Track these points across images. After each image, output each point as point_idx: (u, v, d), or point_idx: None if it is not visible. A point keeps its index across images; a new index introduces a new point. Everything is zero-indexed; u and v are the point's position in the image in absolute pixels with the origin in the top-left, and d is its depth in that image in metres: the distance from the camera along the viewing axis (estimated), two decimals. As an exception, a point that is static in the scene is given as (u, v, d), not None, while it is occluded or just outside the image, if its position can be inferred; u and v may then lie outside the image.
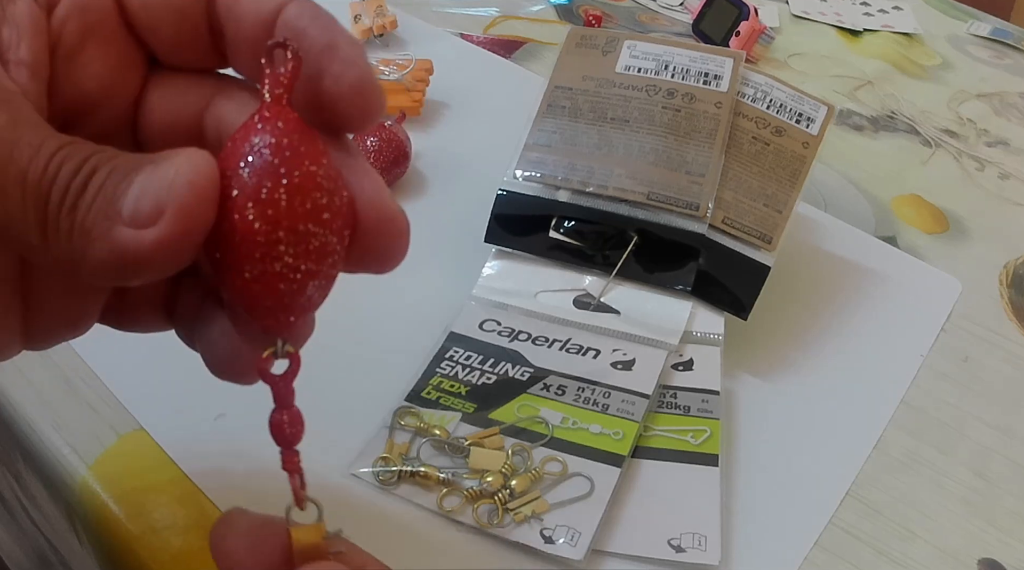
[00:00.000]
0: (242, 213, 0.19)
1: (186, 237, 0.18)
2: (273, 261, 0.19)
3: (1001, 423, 0.42)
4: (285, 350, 0.21)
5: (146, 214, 0.18)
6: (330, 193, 0.19)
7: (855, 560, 0.35)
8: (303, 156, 0.19)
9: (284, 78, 0.20)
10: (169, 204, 0.18)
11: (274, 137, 0.19)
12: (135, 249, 0.18)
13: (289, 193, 0.19)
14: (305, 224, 0.19)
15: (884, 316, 0.46)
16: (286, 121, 0.19)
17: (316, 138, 0.20)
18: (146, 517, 0.33)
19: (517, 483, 0.34)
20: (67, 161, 0.19)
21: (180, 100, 0.23)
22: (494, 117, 0.56)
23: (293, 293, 0.19)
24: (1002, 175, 0.61)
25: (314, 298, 0.20)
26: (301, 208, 0.19)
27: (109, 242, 0.18)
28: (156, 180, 0.18)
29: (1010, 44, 0.80)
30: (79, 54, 0.22)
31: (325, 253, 0.20)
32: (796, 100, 0.45)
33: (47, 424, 0.36)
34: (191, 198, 0.18)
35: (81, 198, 0.19)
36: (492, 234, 0.44)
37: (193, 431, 0.36)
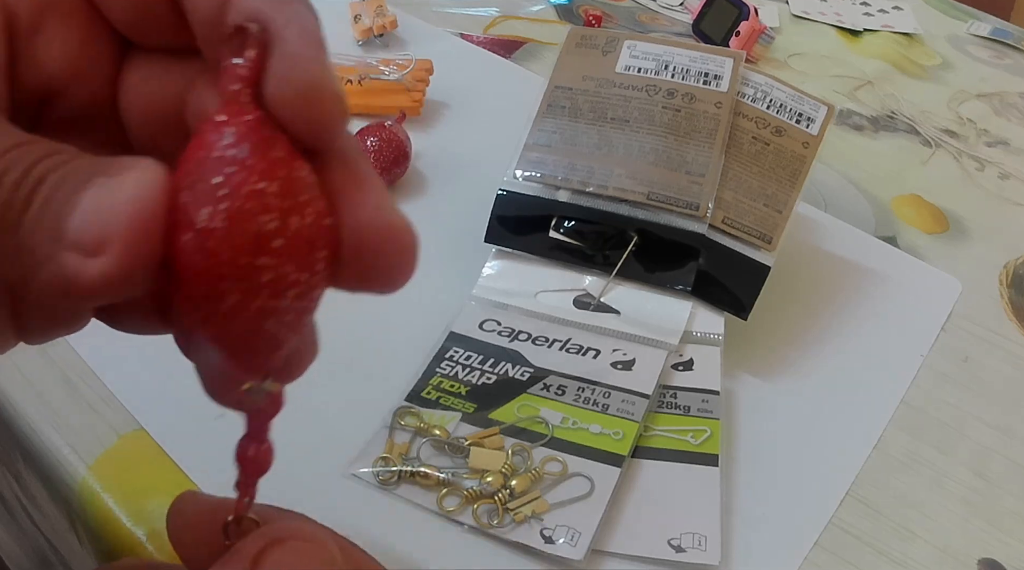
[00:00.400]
0: (182, 244, 0.16)
1: (132, 271, 0.16)
2: (218, 301, 0.16)
3: (1001, 423, 0.42)
4: (263, 389, 0.19)
5: (90, 243, 0.16)
6: (284, 214, 0.16)
7: (855, 560, 0.35)
8: (251, 170, 0.16)
9: (244, 70, 0.17)
10: (113, 236, 0.16)
11: (219, 150, 0.16)
12: (81, 277, 0.16)
13: (228, 220, 0.16)
14: (250, 257, 0.16)
15: (884, 316, 0.46)
16: (239, 127, 0.16)
17: (277, 144, 0.17)
18: (146, 517, 0.33)
19: (517, 483, 0.34)
20: (11, 170, 0.17)
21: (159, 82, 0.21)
22: (494, 117, 0.56)
23: (249, 335, 0.17)
24: (1002, 175, 0.61)
25: (280, 336, 0.17)
26: (241, 237, 0.16)
27: (54, 266, 0.16)
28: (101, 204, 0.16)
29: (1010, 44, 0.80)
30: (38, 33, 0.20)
31: (283, 286, 0.16)
32: (796, 100, 0.45)
33: (47, 424, 0.36)
34: (138, 224, 0.16)
35: (25, 214, 0.17)
36: (492, 234, 0.44)
37: (193, 431, 0.36)
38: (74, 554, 0.40)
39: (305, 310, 0.17)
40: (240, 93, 0.17)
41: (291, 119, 0.17)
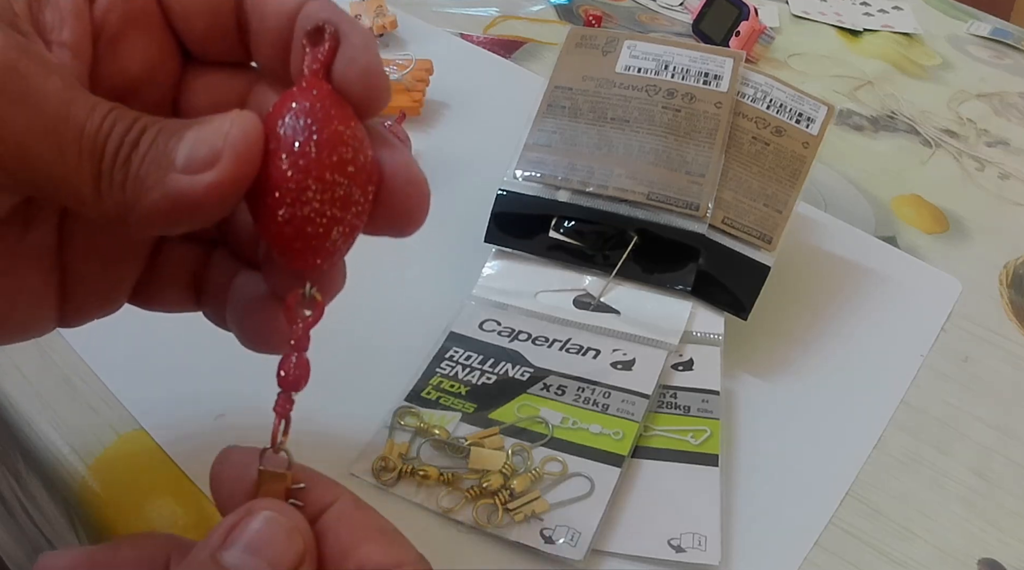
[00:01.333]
0: (277, 163, 0.21)
1: (237, 181, 0.21)
2: (303, 205, 0.21)
3: (1001, 423, 0.42)
4: (312, 294, 0.23)
5: (201, 160, 0.20)
6: (355, 150, 0.22)
7: (855, 560, 0.35)
8: (332, 118, 0.22)
9: (322, 55, 0.22)
10: (225, 150, 0.20)
11: (308, 102, 0.22)
12: (190, 193, 0.20)
13: (318, 146, 0.21)
14: (332, 174, 0.21)
15: (884, 316, 0.46)
16: (320, 90, 0.22)
17: (346, 107, 0.22)
18: (146, 517, 0.33)
19: (517, 483, 0.34)
20: (119, 120, 0.21)
21: (223, 87, 0.25)
22: (494, 117, 0.56)
23: (319, 236, 0.22)
24: (1002, 175, 0.61)
25: (338, 244, 0.22)
26: (328, 160, 0.21)
27: (163, 189, 0.20)
28: (210, 131, 0.21)
29: (1010, 44, 0.80)
30: (121, 40, 0.24)
31: (349, 202, 0.22)
32: (796, 100, 0.45)
33: (47, 424, 0.36)
34: (244, 145, 0.20)
35: (135, 152, 0.20)
36: (492, 234, 0.44)
37: (193, 431, 0.36)
38: (74, 554, 0.40)
39: (356, 227, 0.23)
40: (319, 71, 0.22)
41: (354, 90, 0.22)
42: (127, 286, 0.27)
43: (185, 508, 0.33)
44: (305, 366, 0.23)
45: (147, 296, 0.27)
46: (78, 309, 0.26)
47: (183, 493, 0.34)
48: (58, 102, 0.20)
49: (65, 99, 0.20)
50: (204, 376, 0.38)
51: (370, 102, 0.23)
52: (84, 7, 0.23)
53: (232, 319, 0.26)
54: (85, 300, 0.26)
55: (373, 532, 0.23)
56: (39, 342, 0.39)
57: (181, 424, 0.36)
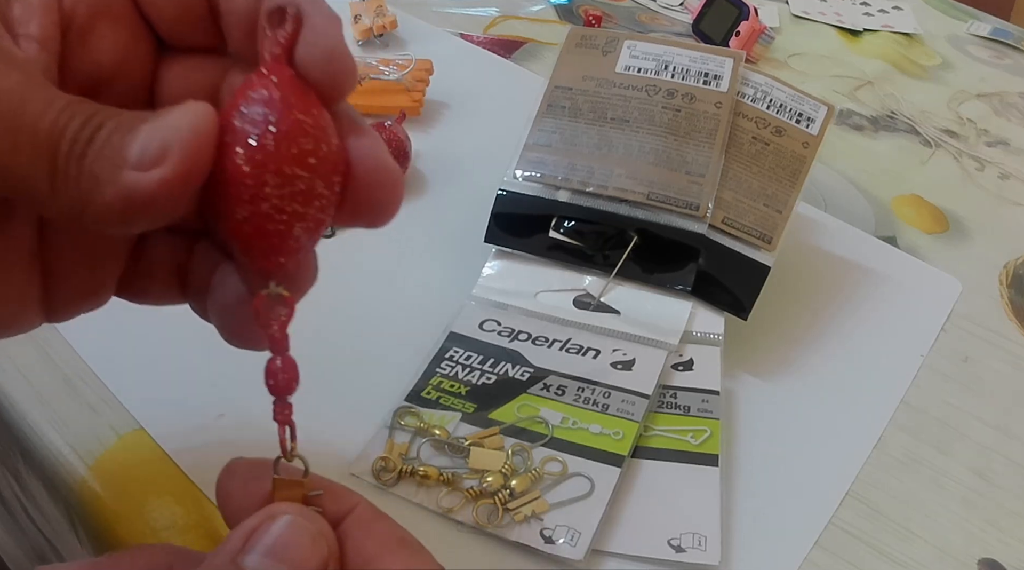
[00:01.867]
0: (233, 158, 0.20)
1: (188, 177, 0.20)
2: (261, 202, 0.20)
3: (1001, 423, 0.42)
4: (277, 291, 0.22)
5: (152, 156, 0.19)
6: (316, 140, 0.21)
7: (855, 560, 0.35)
8: (292, 107, 0.21)
9: (283, 38, 0.21)
10: (174, 145, 0.19)
11: (267, 90, 0.21)
12: (142, 190, 0.19)
13: (276, 139, 0.20)
14: (292, 167, 0.20)
15: (884, 316, 0.46)
16: (280, 76, 0.21)
17: (309, 93, 0.21)
18: (146, 517, 0.33)
19: (517, 483, 0.34)
20: (76, 115, 0.20)
21: (196, 75, 0.25)
22: (494, 117, 0.56)
23: (281, 234, 0.21)
24: (1002, 175, 0.61)
25: (302, 240, 0.21)
26: (287, 153, 0.20)
27: (115, 186, 0.20)
28: (162, 126, 0.20)
29: (1010, 44, 0.80)
30: (91, 31, 0.23)
31: (312, 196, 0.21)
32: (796, 100, 0.45)
33: (47, 424, 0.36)
34: (193, 140, 0.20)
35: (89, 147, 0.20)
36: (492, 234, 0.44)
37: (193, 431, 0.36)
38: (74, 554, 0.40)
39: (321, 222, 0.22)
40: (280, 56, 0.21)
41: (317, 74, 0.21)
42: (111, 280, 0.26)
43: (185, 508, 0.33)
44: (292, 367, 0.22)
45: (133, 289, 0.27)
46: (63, 303, 0.26)
47: (183, 493, 0.34)
48: (15, 98, 0.20)
49: (23, 94, 0.20)
50: (204, 376, 0.38)
51: (334, 87, 0.22)
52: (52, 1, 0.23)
53: (213, 314, 0.26)
54: (69, 294, 0.26)
55: (394, 543, 0.23)
56: (39, 342, 0.39)
57: (181, 424, 0.36)
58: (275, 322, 0.22)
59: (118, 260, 0.26)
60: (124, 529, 0.33)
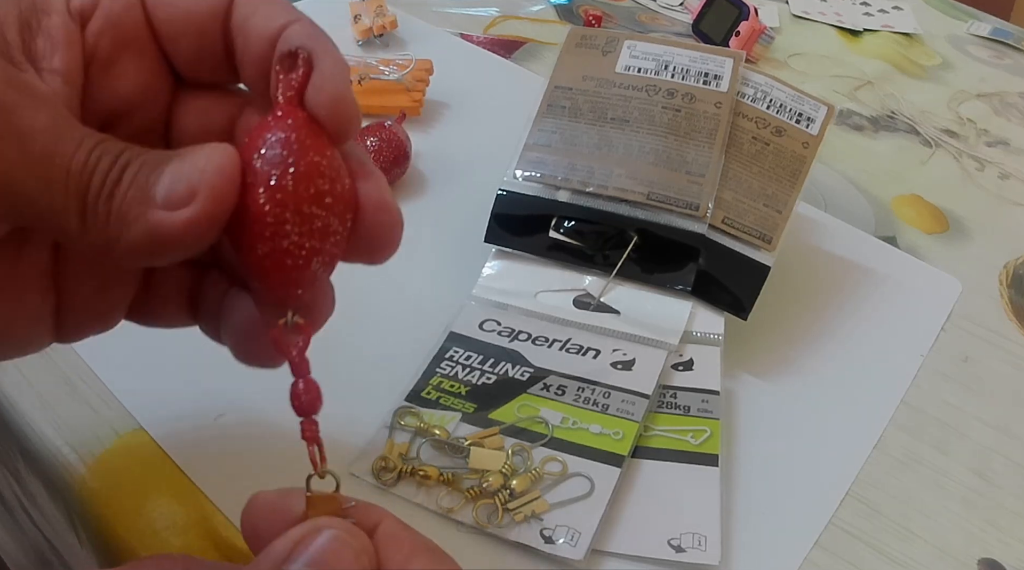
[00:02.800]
0: (255, 197, 0.21)
1: (215, 217, 0.21)
2: (281, 239, 0.21)
3: (1001, 423, 0.42)
4: (295, 321, 0.23)
5: (180, 196, 0.21)
6: (332, 181, 0.22)
7: (855, 560, 0.35)
8: (309, 148, 0.22)
9: (295, 82, 0.22)
10: (201, 187, 0.21)
11: (284, 132, 0.22)
12: (169, 228, 0.21)
13: (295, 180, 0.21)
14: (309, 206, 0.21)
15: (884, 316, 0.46)
16: (295, 119, 0.22)
17: (322, 135, 0.22)
18: (146, 517, 0.33)
19: (517, 483, 0.34)
20: (104, 155, 0.21)
21: (212, 110, 0.26)
22: (494, 117, 0.56)
23: (299, 268, 0.22)
24: (1002, 175, 0.61)
25: (319, 273, 0.22)
26: (306, 193, 0.21)
27: (144, 224, 0.21)
28: (188, 167, 0.21)
29: (1010, 44, 0.80)
30: (113, 65, 0.24)
31: (327, 233, 0.22)
32: (796, 100, 0.45)
33: (47, 424, 0.36)
34: (220, 181, 0.21)
35: (118, 186, 0.21)
36: (492, 234, 0.44)
37: (193, 431, 0.36)
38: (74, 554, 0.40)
39: (336, 257, 0.23)
40: (293, 98, 0.22)
41: (323, 116, 0.22)
42: (123, 305, 0.27)
43: (185, 508, 0.33)
44: (315, 388, 0.23)
45: (143, 314, 0.28)
46: (74, 327, 0.27)
47: (183, 493, 0.34)
48: (46, 138, 0.21)
49: (53, 135, 0.21)
50: (204, 376, 0.38)
51: (338, 130, 0.23)
52: (76, 34, 0.23)
53: (226, 337, 0.27)
54: (81, 319, 0.27)
55: (422, 550, 0.24)
56: (39, 342, 0.39)
57: (181, 424, 0.36)
58: (294, 348, 0.23)
59: (130, 285, 0.27)
60: (124, 529, 0.33)
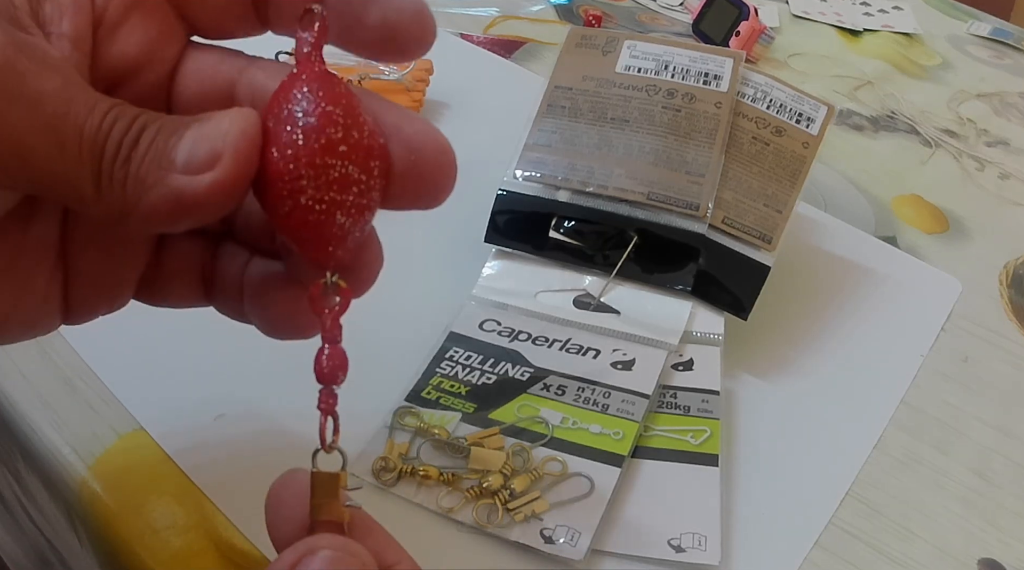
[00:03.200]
0: (270, 156, 0.21)
1: (238, 180, 0.21)
2: (299, 195, 0.21)
3: (1001, 423, 0.42)
4: (335, 282, 0.23)
5: (202, 160, 0.20)
6: (346, 128, 0.21)
7: (855, 560, 0.35)
8: (320, 99, 0.21)
9: (311, 39, 0.22)
10: (225, 150, 0.20)
11: (297, 88, 0.22)
12: (191, 193, 0.20)
13: (305, 132, 0.21)
14: (322, 157, 0.21)
15: (884, 316, 0.46)
16: (310, 73, 0.22)
17: (337, 84, 0.22)
18: (146, 517, 0.33)
19: (517, 483, 0.34)
20: (119, 118, 0.21)
21: (214, 69, 0.25)
22: (494, 117, 0.56)
23: (323, 223, 0.21)
24: (1002, 175, 0.61)
25: (347, 227, 0.22)
26: (316, 144, 0.21)
27: (164, 189, 0.20)
28: (210, 130, 0.21)
29: (1010, 44, 0.80)
30: (122, 26, 0.23)
31: (348, 182, 0.21)
32: (796, 100, 0.45)
33: (47, 424, 0.36)
34: (244, 144, 0.20)
35: (134, 150, 0.20)
36: (492, 234, 0.44)
37: (193, 431, 0.36)
38: (74, 554, 0.40)
39: (365, 208, 0.22)
40: (310, 54, 0.22)
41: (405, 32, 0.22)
42: (131, 282, 0.27)
43: (185, 508, 0.33)
44: (341, 356, 0.23)
45: (153, 292, 0.27)
46: (82, 306, 0.26)
47: (183, 493, 0.34)
48: (57, 101, 0.20)
49: (65, 98, 0.20)
50: (204, 376, 0.38)
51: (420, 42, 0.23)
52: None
53: (252, 309, 0.26)
54: (89, 297, 0.26)
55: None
56: (39, 342, 0.39)
57: (181, 424, 0.36)
58: (328, 310, 0.22)
59: (138, 263, 0.27)
60: (124, 529, 0.33)
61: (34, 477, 0.38)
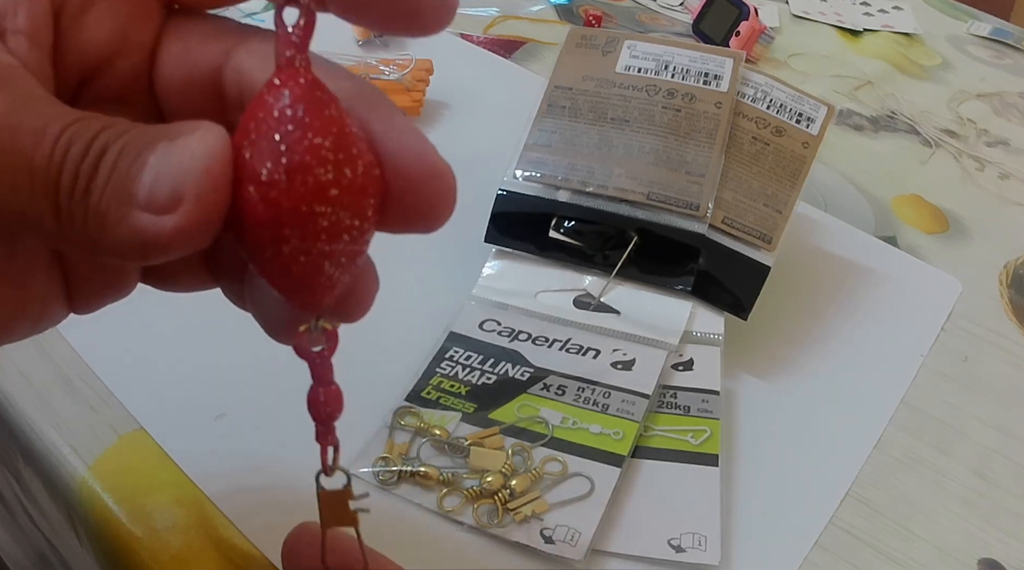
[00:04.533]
0: (247, 196, 0.18)
1: (205, 223, 0.18)
2: (281, 244, 0.18)
3: (1001, 423, 0.42)
4: (320, 326, 0.20)
5: (163, 201, 0.17)
6: (339, 166, 0.18)
7: (855, 560, 0.35)
8: (307, 128, 0.18)
9: (296, 37, 0.18)
10: (187, 191, 0.17)
11: (278, 109, 0.18)
12: (155, 234, 0.18)
13: (289, 172, 0.17)
14: (309, 205, 0.18)
15: (884, 316, 0.46)
16: (292, 89, 0.18)
17: (330, 103, 0.18)
18: (146, 517, 0.33)
19: (517, 483, 0.34)
20: (74, 142, 0.18)
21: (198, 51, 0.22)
22: (494, 117, 0.56)
23: (308, 276, 0.19)
24: (1002, 175, 0.61)
25: (335, 276, 0.19)
26: (302, 187, 0.18)
27: (126, 227, 0.18)
28: (171, 164, 0.18)
29: (1010, 44, 0.80)
30: (86, 12, 0.21)
31: (338, 231, 0.18)
32: (796, 100, 0.45)
33: (47, 424, 0.36)
34: (208, 184, 0.17)
35: (93, 182, 0.18)
36: (492, 234, 0.44)
37: (193, 431, 0.36)
38: (74, 554, 0.40)
39: (358, 253, 0.19)
40: (294, 58, 0.18)
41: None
42: (134, 272, 0.25)
43: (185, 508, 0.33)
44: (335, 397, 0.21)
45: (159, 277, 0.26)
46: (87, 297, 0.25)
47: (183, 493, 0.34)
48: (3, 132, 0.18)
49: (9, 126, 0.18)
50: (204, 376, 0.38)
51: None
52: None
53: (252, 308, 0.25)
54: (92, 289, 0.25)
55: None
56: (39, 342, 0.39)
57: (181, 424, 0.36)
58: (317, 355, 0.21)
59: None
60: (124, 529, 0.33)
61: (34, 477, 0.38)
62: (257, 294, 0.24)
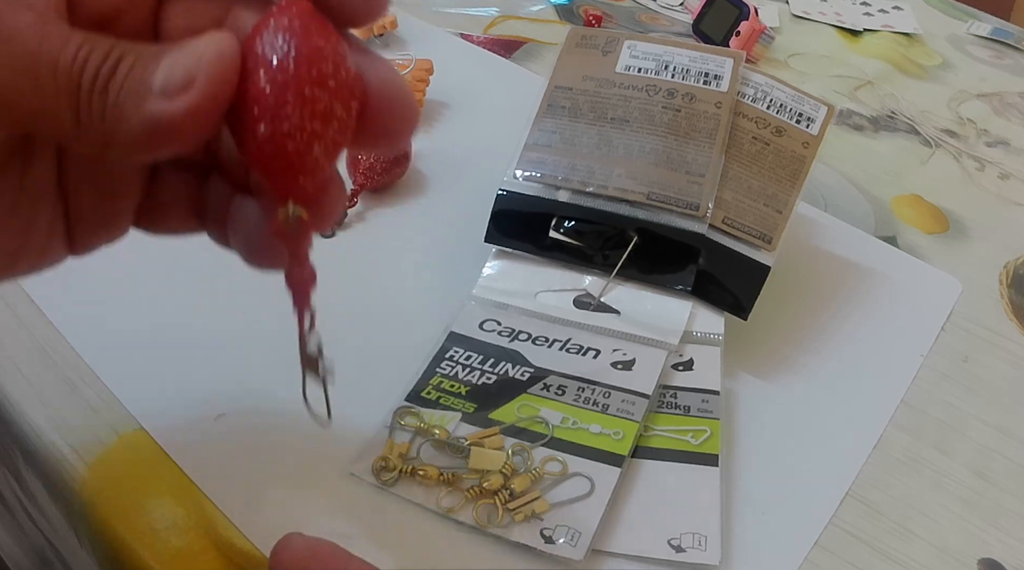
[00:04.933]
0: (255, 80, 0.21)
1: (214, 103, 0.21)
2: (281, 121, 0.21)
3: (1001, 423, 0.42)
4: (296, 213, 0.23)
5: (177, 84, 0.20)
6: (335, 65, 0.22)
7: (855, 560, 0.35)
8: (311, 33, 0.22)
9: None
10: (200, 73, 0.20)
11: (286, 19, 0.22)
12: (168, 118, 0.20)
13: (296, 61, 0.21)
14: (311, 88, 0.21)
15: (884, 316, 0.46)
16: (299, 7, 0.22)
17: (327, 23, 0.22)
18: (146, 517, 0.33)
19: (517, 483, 0.34)
20: (95, 50, 0.21)
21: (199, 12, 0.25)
22: (494, 117, 0.56)
23: (300, 152, 0.22)
24: (1002, 175, 0.61)
25: (320, 160, 0.22)
26: (307, 74, 0.21)
27: (141, 115, 0.20)
28: (185, 55, 0.21)
29: (1010, 44, 0.80)
30: None
31: (330, 117, 0.22)
32: (796, 100, 0.45)
33: (47, 424, 0.36)
34: (219, 66, 0.20)
35: (111, 80, 0.20)
36: (492, 234, 0.44)
37: (193, 431, 0.36)
38: (74, 554, 0.40)
39: (338, 144, 0.23)
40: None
41: None
42: (128, 213, 0.27)
43: (185, 508, 0.33)
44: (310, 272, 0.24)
45: (150, 221, 0.28)
46: (85, 237, 0.27)
47: (183, 493, 0.34)
48: (31, 36, 0.20)
49: (38, 33, 0.20)
50: (204, 376, 0.38)
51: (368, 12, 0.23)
52: None
53: (234, 241, 0.27)
54: (89, 229, 0.27)
55: None
56: (39, 342, 0.39)
57: (181, 424, 0.36)
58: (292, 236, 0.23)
59: (132, 195, 0.27)
60: (124, 529, 0.33)
61: (34, 477, 0.38)
62: (239, 225, 0.26)
